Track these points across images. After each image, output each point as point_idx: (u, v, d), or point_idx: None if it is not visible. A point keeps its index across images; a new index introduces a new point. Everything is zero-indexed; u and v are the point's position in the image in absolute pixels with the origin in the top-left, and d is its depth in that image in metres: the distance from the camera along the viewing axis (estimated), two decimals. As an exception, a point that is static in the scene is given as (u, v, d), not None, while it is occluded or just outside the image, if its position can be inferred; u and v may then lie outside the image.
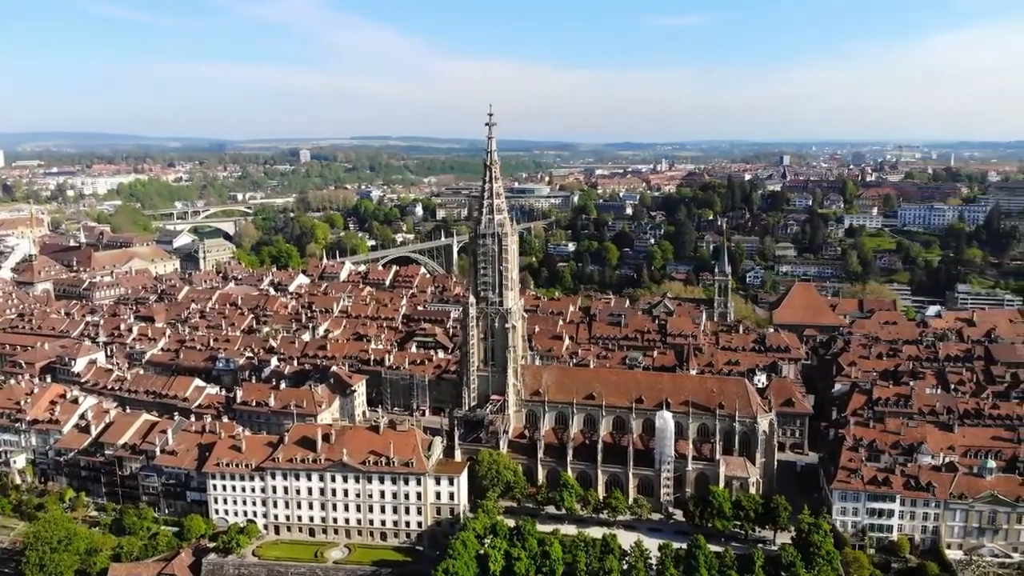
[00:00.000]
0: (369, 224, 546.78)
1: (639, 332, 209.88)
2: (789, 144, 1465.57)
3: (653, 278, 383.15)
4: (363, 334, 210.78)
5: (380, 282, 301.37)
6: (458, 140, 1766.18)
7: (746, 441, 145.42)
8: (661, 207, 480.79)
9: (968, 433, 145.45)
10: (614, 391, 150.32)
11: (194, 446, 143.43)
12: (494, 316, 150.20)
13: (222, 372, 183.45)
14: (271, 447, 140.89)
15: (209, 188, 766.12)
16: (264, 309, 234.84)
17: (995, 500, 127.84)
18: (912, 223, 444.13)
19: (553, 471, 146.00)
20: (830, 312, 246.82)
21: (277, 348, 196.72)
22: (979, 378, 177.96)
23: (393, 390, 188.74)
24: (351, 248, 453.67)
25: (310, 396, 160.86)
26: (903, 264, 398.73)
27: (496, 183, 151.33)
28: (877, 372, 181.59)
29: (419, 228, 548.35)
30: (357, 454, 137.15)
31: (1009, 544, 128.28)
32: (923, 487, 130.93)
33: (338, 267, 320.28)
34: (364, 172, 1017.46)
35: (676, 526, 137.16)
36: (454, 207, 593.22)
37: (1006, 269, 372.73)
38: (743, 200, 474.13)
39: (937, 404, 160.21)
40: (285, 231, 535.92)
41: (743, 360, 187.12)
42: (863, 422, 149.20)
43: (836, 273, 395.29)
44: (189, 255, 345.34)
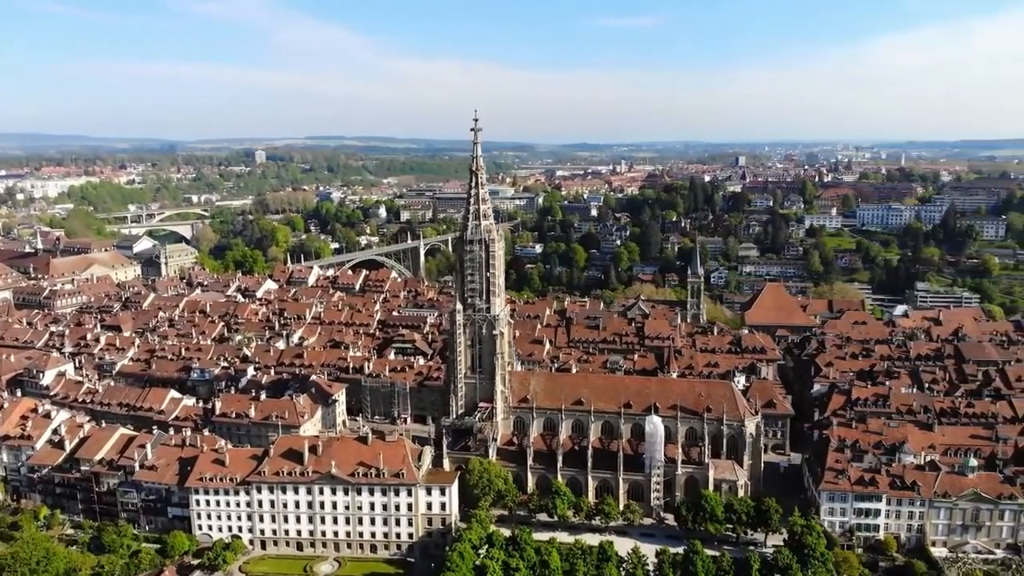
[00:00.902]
0: (331, 226, 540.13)
1: (617, 335, 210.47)
2: (742, 145, 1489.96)
3: (621, 279, 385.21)
4: (339, 341, 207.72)
5: (350, 287, 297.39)
6: (416, 140, 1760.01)
7: (733, 444, 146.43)
8: (625, 208, 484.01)
9: (947, 432, 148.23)
10: (602, 396, 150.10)
11: (174, 460, 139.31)
12: (481, 323, 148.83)
13: (197, 383, 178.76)
14: (256, 460, 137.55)
15: (163, 190, 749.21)
16: (235, 316, 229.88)
17: (978, 498, 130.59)
18: (871, 223, 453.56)
19: (543, 478, 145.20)
20: (801, 312, 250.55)
21: (252, 357, 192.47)
22: (951, 377, 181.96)
23: (373, 398, 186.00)
24: (314, 251, 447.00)
25: (292, 407, 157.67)
26: (863, 263, 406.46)
27: (483, 189, 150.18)
28: (853, 372, 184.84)
29: (383, 230, 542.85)
30: (346, 466, 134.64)
31: (992, 540, 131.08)
32: (908, 486, 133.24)
33: (306, 272, 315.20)
34: (322, 173, 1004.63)
35: (667, 531, 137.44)
36: (418, 209, 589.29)
37: (963, 267, 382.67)
38: (705, 201, 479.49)
39: (914, 403, 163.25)
40: (244, 234, 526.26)
41: (722, 362, 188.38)
42: (846, 423, 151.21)
43: (798, 273, 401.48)
44: (150, 260, 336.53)
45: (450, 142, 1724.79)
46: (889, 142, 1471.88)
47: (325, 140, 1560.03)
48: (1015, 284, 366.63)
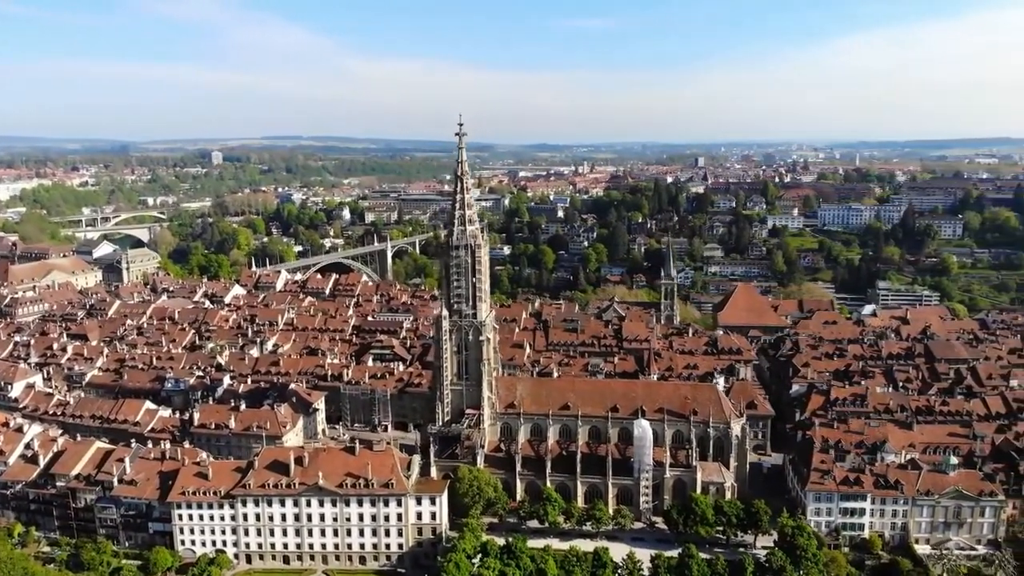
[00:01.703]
0: (294, 229, 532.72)
1: (595, 338, 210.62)
2: (699, 145, 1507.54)
3: (590, 280, 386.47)
4: (315, 348, 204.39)
5: (319, 291, 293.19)
6: (375, 140, 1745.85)
7: (719, 446, 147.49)
8: (591, 210, 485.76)
9: (926, 431, 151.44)
10: (589, 401, 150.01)
11: (154, 474, 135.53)
12: (468, 329, 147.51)
13: (171, 393, 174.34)
14: (240, 473, 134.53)
15: (117, 192, 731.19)
16: (205, 323, 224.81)
17: (959, 495, 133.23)
18: (832, 223, 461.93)
19: (532, 484, 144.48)
20: (773, 313, 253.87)
21: (226, 365, 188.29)
22: (924, 376, 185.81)
23: (353, 406, 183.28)
24: (278, 255, 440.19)
25: (273, 417, 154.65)
26: (826, 263, 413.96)
27: (468, 194, 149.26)
28: (829, 373, 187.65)
29: (348, 232, 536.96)
30: (333, 477, 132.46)
31: (973, 537, 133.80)
32: (892, 485, 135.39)
33: (274, 276, 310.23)
34: (280, 174, 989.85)
35: (658, 534, 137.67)
36: (383, 210, 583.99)
37: (922, 266, 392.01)
38: (670, 202, 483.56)
39: (891, 402, 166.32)
40: (204, 237, 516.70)
41: (701, 364, 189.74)
42: (827, 423, 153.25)
43: (763, 273, 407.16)
44: (111, 266, 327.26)
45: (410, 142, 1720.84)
46: (842, 142, 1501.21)
47: (281, 140, 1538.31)
48: (973, 282, 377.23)
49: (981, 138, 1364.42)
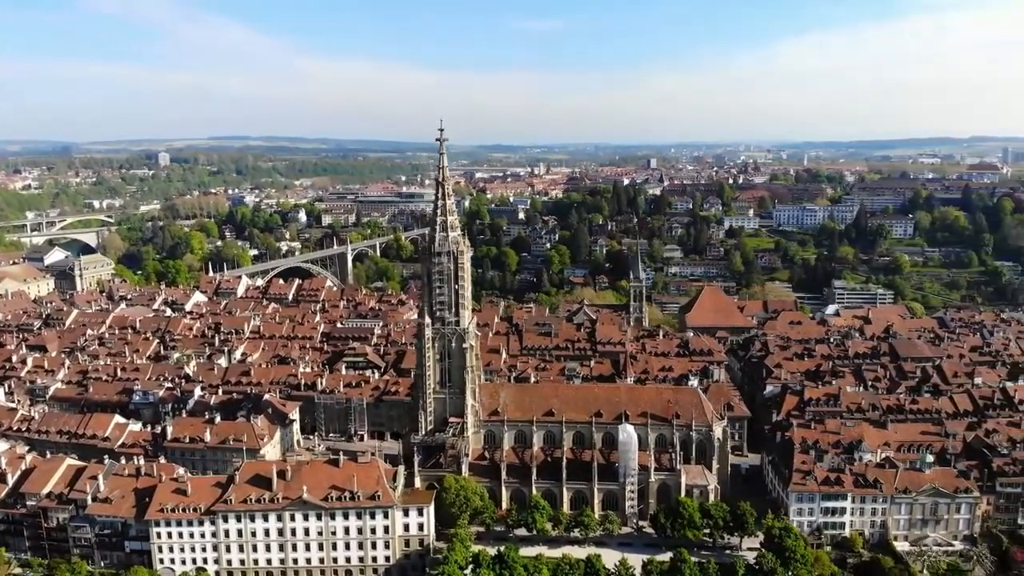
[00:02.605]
0: (249, 232, 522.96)
1: (569, 341, 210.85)
2: (649, 147, 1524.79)
3: (553, 282, 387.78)
4: (286, 356, 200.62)
5: (282, 297, 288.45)
6: (325, 140, 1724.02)
7: (702, 449, 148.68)
8: (552, 212, 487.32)
9: (899, 429, 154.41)
10: (573, 406, 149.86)
11: (130, 491, 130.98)
12: (451, 336, 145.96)
13: (140, 406, 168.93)
14: (220, 488, 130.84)
15: (62, 196, 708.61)
16: (168, 332, 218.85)
17: (936, 492, 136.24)
18: (787, 223, 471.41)
19: (517, 492, 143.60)
20: (739, 314, 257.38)
21: (194, 376, 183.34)
22: (892, 375, 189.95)
23: (328, 415, 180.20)
24: (233, 259, 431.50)
25: (250, 429, 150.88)
26: (782, 263, 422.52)
27: (449, 200, 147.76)
28: (801, 373, 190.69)
29: (304, 235, 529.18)
30: (317, 490, 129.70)
31: (950, 533, 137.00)
32: (871, 484, 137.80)
33: (234, 282, 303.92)
34: (230, 175, 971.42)
35: (645, 539, 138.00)
36: (340, 212, 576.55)
37: (876, 265, 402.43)
38: (628, 204, 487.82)
39: (863, 402, 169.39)
40: (155, 241, 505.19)
41: (676, 366, 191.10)
42: (805, 424, 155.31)
43: (721, 273, 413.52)
44: (63, 273, 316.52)
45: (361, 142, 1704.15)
46: (789, 143, 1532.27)
47: (229, 140, 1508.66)
48: (925, 280, 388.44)
49: (923, 138, 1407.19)
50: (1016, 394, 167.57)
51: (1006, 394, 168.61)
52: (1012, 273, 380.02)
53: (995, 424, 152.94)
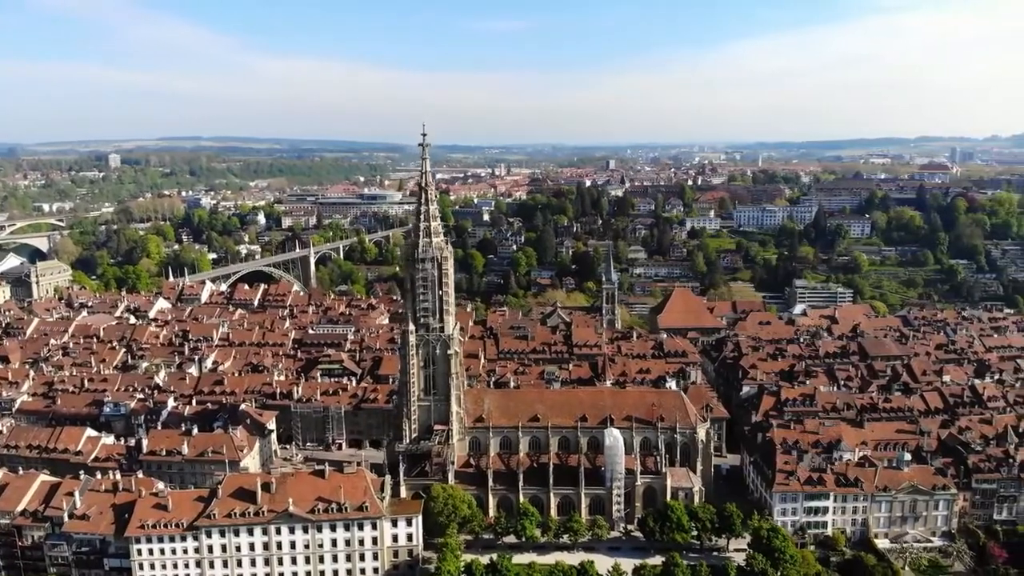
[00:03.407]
0: (207, 235, 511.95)
1: (546, 345, 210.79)
2: (606, 147, 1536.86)
3: (520, 284, 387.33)
4: (258, 364, 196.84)
5: (248, 302, 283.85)
6: (278, 140, 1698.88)
7: (685, 451, 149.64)
8: (517, 213, 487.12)
9: (876, 428, 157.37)
10: (558, 411, 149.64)
11: (107, 507, 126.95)
12: (435, 343, 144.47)
13: (111, 418, 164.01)
14: (202, 502, 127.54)
15: (10, 199, 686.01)
16: (135, 341, 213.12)
17: (915, 490, 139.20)
18: (747, 224, 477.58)
19: (504, 498, 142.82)
20: (709, 315, 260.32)
21: (165, 386, 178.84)
22: (863, 374, 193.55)
23: (305, 424, 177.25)
24: (192, 263, 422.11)
25: (230, 441, 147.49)
26: (744, 263, 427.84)
27: (432, 205, 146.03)
28: (775, 373, 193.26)
29: (265, 238, 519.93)
30: (304, 502, 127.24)
31: (928, 529, 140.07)
32: (852, 483, 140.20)
33: (198, 287, 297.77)
34: (184, 177, 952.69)
35: (633, 542, 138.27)
36: (301, 215, 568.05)
37: (835, 264, 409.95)
38: (592, 206, 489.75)
39: (837, 401, 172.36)
40: (109, 246, 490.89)
41: (653, 368, 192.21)
42: (784, 424, 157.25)
43: (685, 273, 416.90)
44: (19, 280, 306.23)
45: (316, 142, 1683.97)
46: (742, 144, 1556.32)
47: (180, 141, 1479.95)
48: (883, 279, 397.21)
49: (872, 139, 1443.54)
50: (985, 391, 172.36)
51: (975, 391, 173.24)
52: (967, 271, 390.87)
53: (967, 422, 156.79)
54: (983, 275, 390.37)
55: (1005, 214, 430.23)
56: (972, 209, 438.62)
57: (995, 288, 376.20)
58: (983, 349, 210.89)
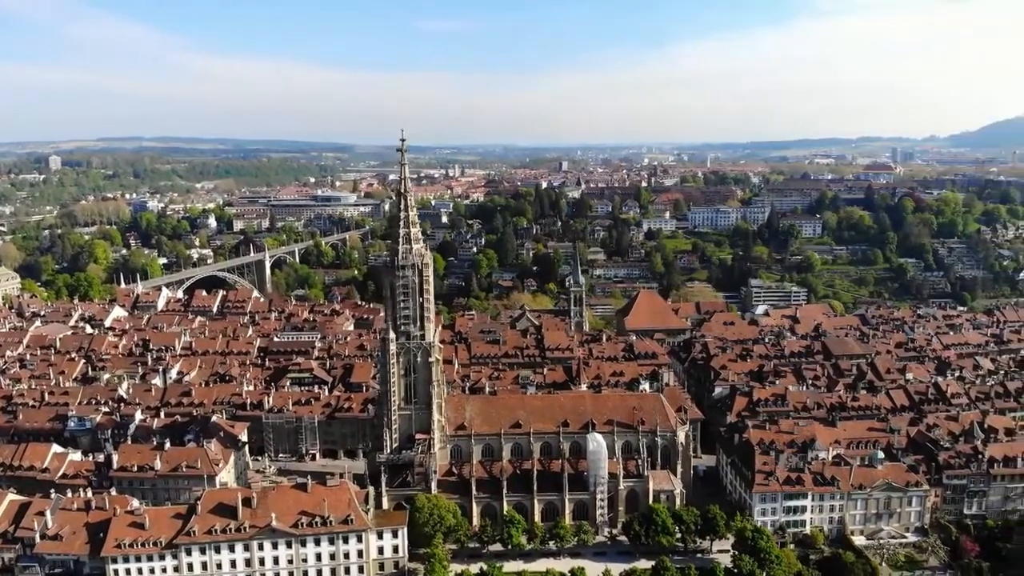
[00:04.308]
0: (156, 240, 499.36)
1: (518, 349, 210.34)
2: (556, 148, 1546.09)
3: (482, 286, 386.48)
4: (225, 374, 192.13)
5: (206, 309, 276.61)
6: (223, 141, 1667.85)
7: (666, 454, 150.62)
8: (476, 215, 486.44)
9: (848, 427, 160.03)
10: (539, 417, 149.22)
11: (81, 527, 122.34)
12: (416, 351, 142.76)
13: (76, 433, 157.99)
14: (180, 519, 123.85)
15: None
16: (94, 351, 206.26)
17: (889, 487, 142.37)
18: (702, 225, 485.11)
19: (488, 506, 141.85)
20: (675, 316, 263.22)
21: (130, 398, 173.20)
22: (829, 373, 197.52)
23: (276, 435, 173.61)
24: (142, 269, 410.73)
25: (204, 455, 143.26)
26: (700, 263, 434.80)
27: (412, 211, 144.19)
28: (745, 374, 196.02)
29: (217, 242, 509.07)
30: (287, 517, 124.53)
31: (902, 526, 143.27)
32: (829, 482, 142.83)
33: (154, 294, 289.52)
34: (127, 179, 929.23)
35: (619, 547, 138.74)
36: (253, 217, 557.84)
37: (789, 264, 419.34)
38: (551, 207, 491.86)
39: (808, 401, 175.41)
40: (54, 251, 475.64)
41: (626, 370, 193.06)
42: (759, 425, 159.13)
43: (643, 274, 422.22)
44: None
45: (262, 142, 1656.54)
46: (689, 145, 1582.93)
47: (121, 142, 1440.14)
48: (835, 278, 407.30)
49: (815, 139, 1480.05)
50: (948, 389, 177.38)
51: (939, 389, 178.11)
52: (916, 269, 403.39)
53: (935, 419, 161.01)
54: (931, 273, 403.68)
55: (951, 213, 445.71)
56: (919, 209, 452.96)
57: (943, 286, 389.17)
58: (941, 347, 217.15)
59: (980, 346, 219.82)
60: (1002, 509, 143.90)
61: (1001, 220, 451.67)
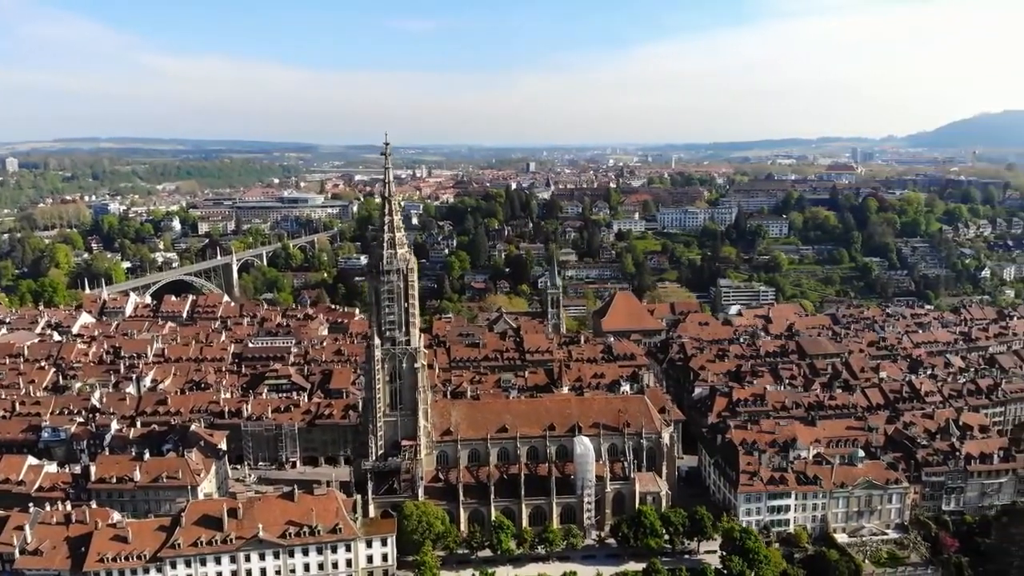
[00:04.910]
0: (120, 243, 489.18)
1: (498, 352, 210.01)
2: (522, 149, 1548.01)
3: (455, 288, 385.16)
4: (201, 381, 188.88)
5: (176, 315, 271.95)
6: (182, 141, 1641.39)
7: (651, 456, 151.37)
8: (446, 216, 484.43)
9: (827, 426, 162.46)
10: (526, 421, 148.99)
11: (61, 541, 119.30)
12: (401, 356, 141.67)
13: (51, 444, 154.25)
14: (164, 531, 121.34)
15: None
16: (63, 359, 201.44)
17: (870, 485, 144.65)
18: (670, 225, 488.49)
19: (476, 512, 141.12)
20: (650, 317, 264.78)
21: (104, 408, 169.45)
22: (805, 372, 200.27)
23: (256, 443, 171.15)
24: (106, 274, 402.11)
25: (185, 465, 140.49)
26: (670, 264, 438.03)
27: (396, 216, 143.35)
28: (722, 374, 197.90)
29: (180, 245, 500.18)
30: (274, 527, 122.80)
31: (883, 523, 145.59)
32: (811, 481, 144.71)
33: (122, 300, 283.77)
34: (86, 180, 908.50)
35: (607, 549, 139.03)
36: (218, 220, 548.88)
37: (756, 264, 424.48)
38: (522, 208, 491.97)
39: (786, 400, 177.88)
40: (13, 256, 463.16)
41: (607, 372, 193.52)
42: (741, 425, 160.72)
43: (614, 275, 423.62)
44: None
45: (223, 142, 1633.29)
46: (652, 146, 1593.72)
47: (78, 142, 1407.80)
48: (802, 277, 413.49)
49: (775, 139, 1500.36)
50: (922, 387, 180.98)
51: (913, 387, 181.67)
52: (880, 268, 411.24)
53: (911, 417, 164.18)
54: (895, 272, 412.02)
55: (913, 213, 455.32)
56: (883, 209, 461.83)
57: (907, 284, 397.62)
58: (912, 345, 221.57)
59: (949, 344, 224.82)
60: (979, 505, 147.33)
61: (962, 219, 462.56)
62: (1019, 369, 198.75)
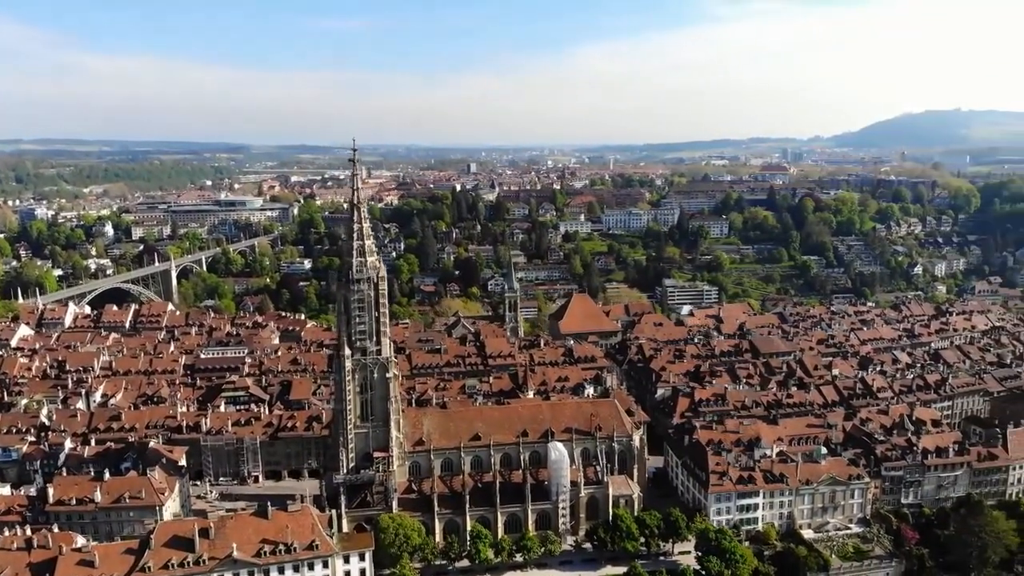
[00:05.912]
0: (50, 250, 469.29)
1: (460, 357, 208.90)
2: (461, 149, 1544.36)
3: (403, 292, 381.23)
4: (154, 395, 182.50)
5: (119, 325, 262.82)
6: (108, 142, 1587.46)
7: (622, 459, 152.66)
8: (392, 219, 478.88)
9: (788, 424, 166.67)
10: (498, 428, 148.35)
11: (24, 568, 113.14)
12: (372, 366, 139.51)
13: (2, 465, 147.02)
14: (132, 554, 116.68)
15: None
16: (7, 375, 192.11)
17: (834, 481, 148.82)
18: (615, 226, 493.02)
19: (451, 522, 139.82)
20: (607, 319, 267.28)
21: (54, 425, 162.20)
22: (761, 371, 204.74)
23: (216, 458, 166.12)
24: (37, 282, 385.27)
25: (148, 484, 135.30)
26: (616, 264, 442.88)
27: (366, 223, 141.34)
28: (682, 374, 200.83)
29: (114, 251, 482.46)
30: (248, 546, 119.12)
31: (846, 517, 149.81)
32: (778, 479, 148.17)
33: (60, 311, 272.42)
34: (9, 184, 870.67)
35: (583, 555, 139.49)
36: (153, 224, 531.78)
37: (699, 263, 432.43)
38: (469, 210, 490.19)
39: (746, 399, 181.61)
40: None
41: (571, 375, 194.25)
42: (706, 425, 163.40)
43: (563, 276, 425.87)
44: None
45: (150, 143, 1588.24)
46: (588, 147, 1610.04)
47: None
48: (743, 276, 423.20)
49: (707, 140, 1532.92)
50: (874, 383, 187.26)
51: (865, 384, 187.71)
52: (818, 266, 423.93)
53: (867, 413, 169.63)
54: (833, 270, 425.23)
55: (848, 212, 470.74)
56: (818, 208, 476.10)
57: (844, 281, 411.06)
58: (859, 342, 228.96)
59: (894, 340, 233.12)
60: (936, 497, 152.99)
61: (894, 218, 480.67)
62: (963, 364, 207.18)
